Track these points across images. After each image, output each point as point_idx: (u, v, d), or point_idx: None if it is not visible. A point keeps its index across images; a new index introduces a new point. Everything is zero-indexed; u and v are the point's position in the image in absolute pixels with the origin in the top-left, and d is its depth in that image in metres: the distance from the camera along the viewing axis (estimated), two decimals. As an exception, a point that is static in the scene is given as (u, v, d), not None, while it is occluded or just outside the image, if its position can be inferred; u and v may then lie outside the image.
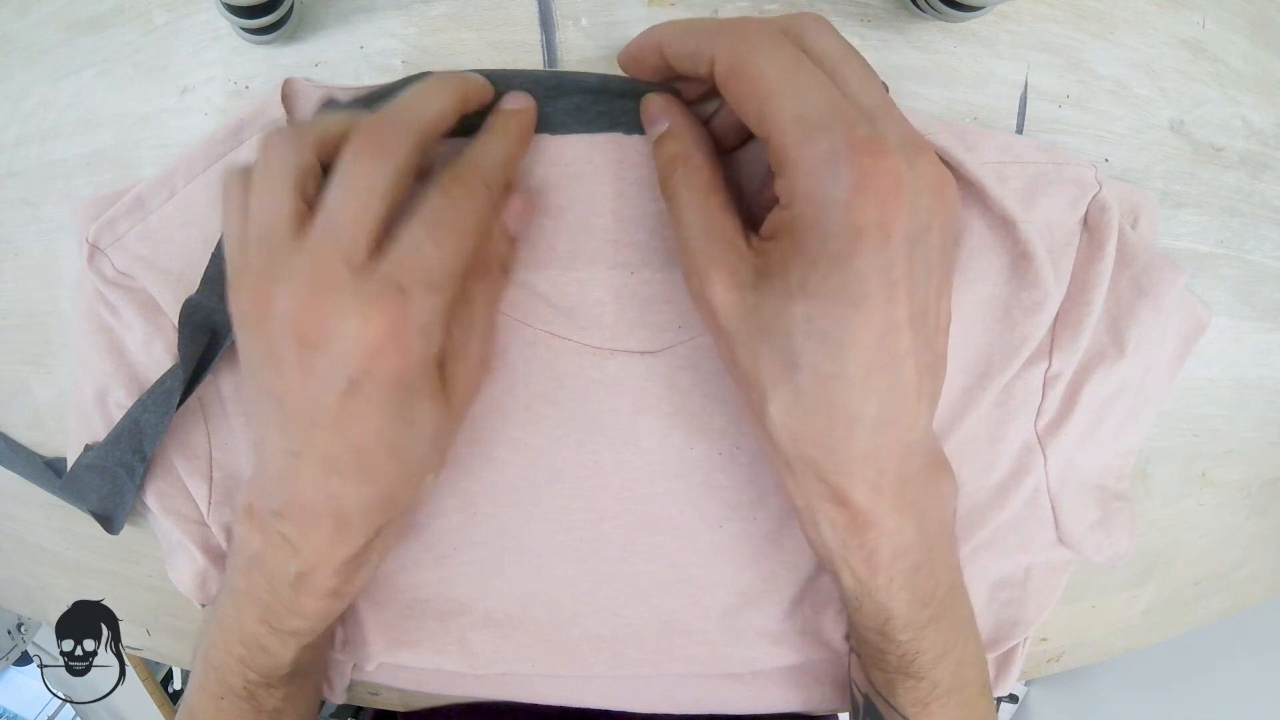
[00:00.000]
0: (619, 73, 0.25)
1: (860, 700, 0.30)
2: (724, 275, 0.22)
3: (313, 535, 0.24)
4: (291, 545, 0.24)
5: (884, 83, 0.23)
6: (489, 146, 0.24)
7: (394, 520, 0.26)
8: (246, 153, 0.27)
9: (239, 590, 0.26)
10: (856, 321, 0.20)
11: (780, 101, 0.20)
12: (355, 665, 0.34)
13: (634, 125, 0.26)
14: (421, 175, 0.23)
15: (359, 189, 0.21)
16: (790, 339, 0.21)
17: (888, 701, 0.28)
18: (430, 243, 0.21)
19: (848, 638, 0.32)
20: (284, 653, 0.27)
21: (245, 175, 0.23)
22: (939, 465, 0.25)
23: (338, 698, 0.36)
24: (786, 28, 0.22)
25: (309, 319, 0.20)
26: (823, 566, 0.29)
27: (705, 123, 0.25)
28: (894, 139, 0.19)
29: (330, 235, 0.21)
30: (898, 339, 0.20)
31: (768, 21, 0.22)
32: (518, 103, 0.25)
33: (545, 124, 0.26)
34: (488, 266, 0.26)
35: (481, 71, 0.25)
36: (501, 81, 0.25)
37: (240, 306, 0.22)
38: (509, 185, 0.25)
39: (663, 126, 0.24)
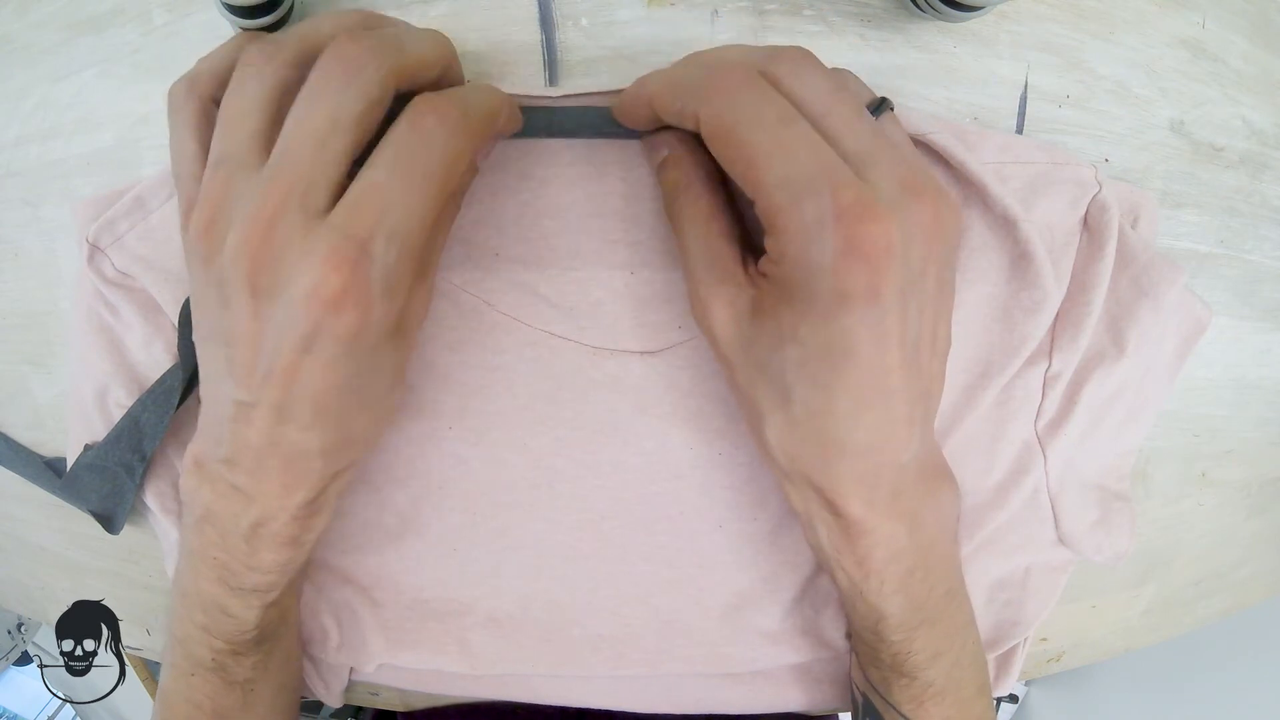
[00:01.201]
0: (619, 89, 0.25)
1: (859, 698, 0.30)
2: (723, 305, 0.23)
3: (266, 483, 0.23)
4: (244, 495, 0.23)
5: (884, 97, 0.22)
6: (472, 89, 0.23)
7: (355, 463, 0.25)
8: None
9: (193, 552, 0.25)
10: (846, 369, 0.20)
11: (765, 164, 0.20)
12: (354, 667, 0.34)
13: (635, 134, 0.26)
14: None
15: (322, 118, 0.19)
16: (783, 375, 0.21)
17: (884, 698, 0.28)
18: (394, 187, 0.19)
19: (848, 636, 0.32)
20: (247, 614, 0.26)
21: (192, 87, 0.21)
22: (938, 474, 0.26)
23: (335, 701, 0.36)
24: (768, 69, 0.21)
25: (260, 265, 0.19)
26: (821, 566, 0.30)
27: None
28: (886, 190, 0.19)
29: (286, 170, 0.19)
30: (887, 379, 0.21)
31: (749, 64, 0.21)
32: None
33: (541, 130, 0.26)
34: (451, 197, 0.24)
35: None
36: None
37: (190, 237, 0.20)
38: (489, 134, 0.23)
39: (663, 154, 0.24)
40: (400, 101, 0.21)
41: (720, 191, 0.24)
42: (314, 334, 0.19)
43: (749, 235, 0.24)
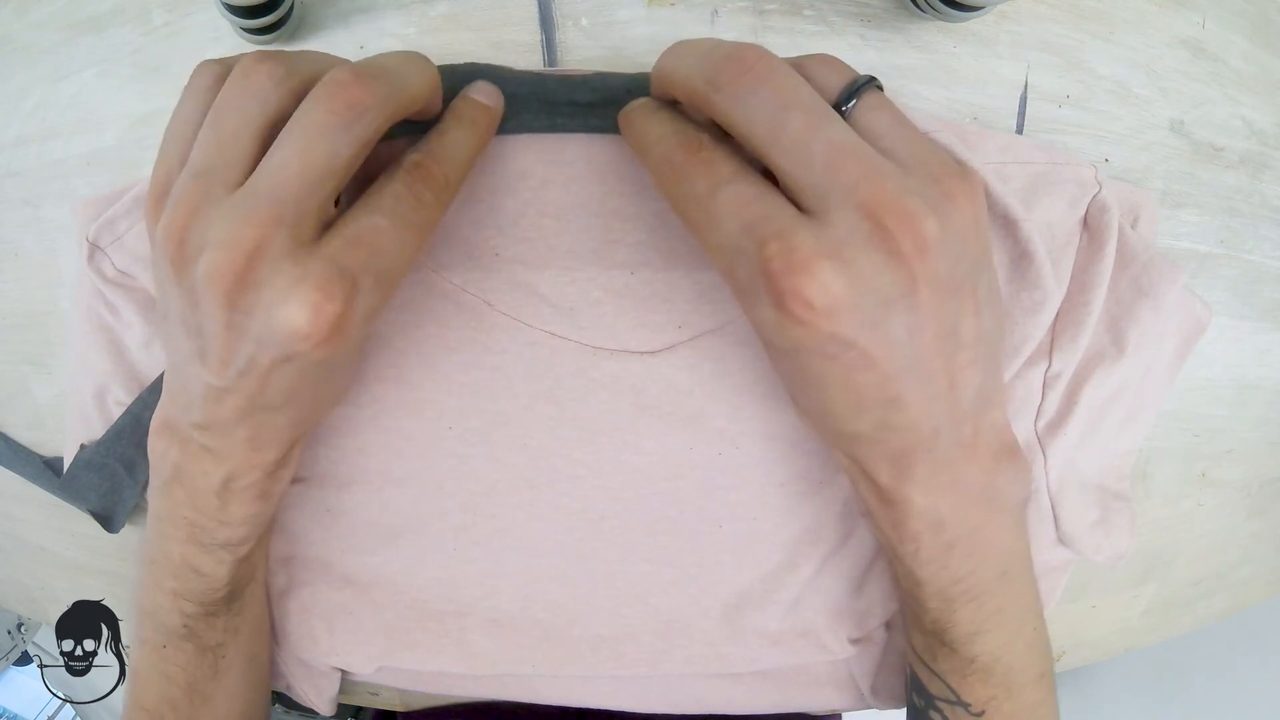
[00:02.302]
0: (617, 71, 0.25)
1: (908, 673, 0.30)
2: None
3: (236, 446, 0.23)
4: (214, 454, 0.24)
5: (869, 76, 0.21)
6: (456, 138, 0.23)
7: (319, 422, 0.27)
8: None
9: (162, 515, 0.26)
10: (824, 390, 0.20)
11: (703, 234, 0.20)
12: (346, 670, 0.34)
13: None
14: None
15: (320, 155, 0.19)
16: (788, 374, 0.22)
17: (929, 667, 0.28)
18: (391, 233, 0.20)
19: (852, 641, 0.32)
20: (218, 570, 0.26)
21: (220, 76, 0.21)
22: (1000, 455, 0.24)
23: (327, 708, 0.36)
24: (713, 93, 0.20)
25: (241, 285, 0.19)
26: (854, 530, 0.30)
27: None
28: (837, 225, 0.18)
29: (276, 195, 0.19)
30: (879, 389, 0.20)
31: (696, 89, 0.20)
32: (488, 98, 0.24)
33: (542, 124, 0.26)
34: None
35: (477, 67, 0.25)
36: (499, 82, 0.25)
37: (158, 236, 0.20)
38: (473, 163, 0.24)
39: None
40: None
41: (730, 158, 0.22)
42: (295, 353, 0.20)
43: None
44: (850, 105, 0.21)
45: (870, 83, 0.21)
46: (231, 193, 0.19)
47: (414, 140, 0.23)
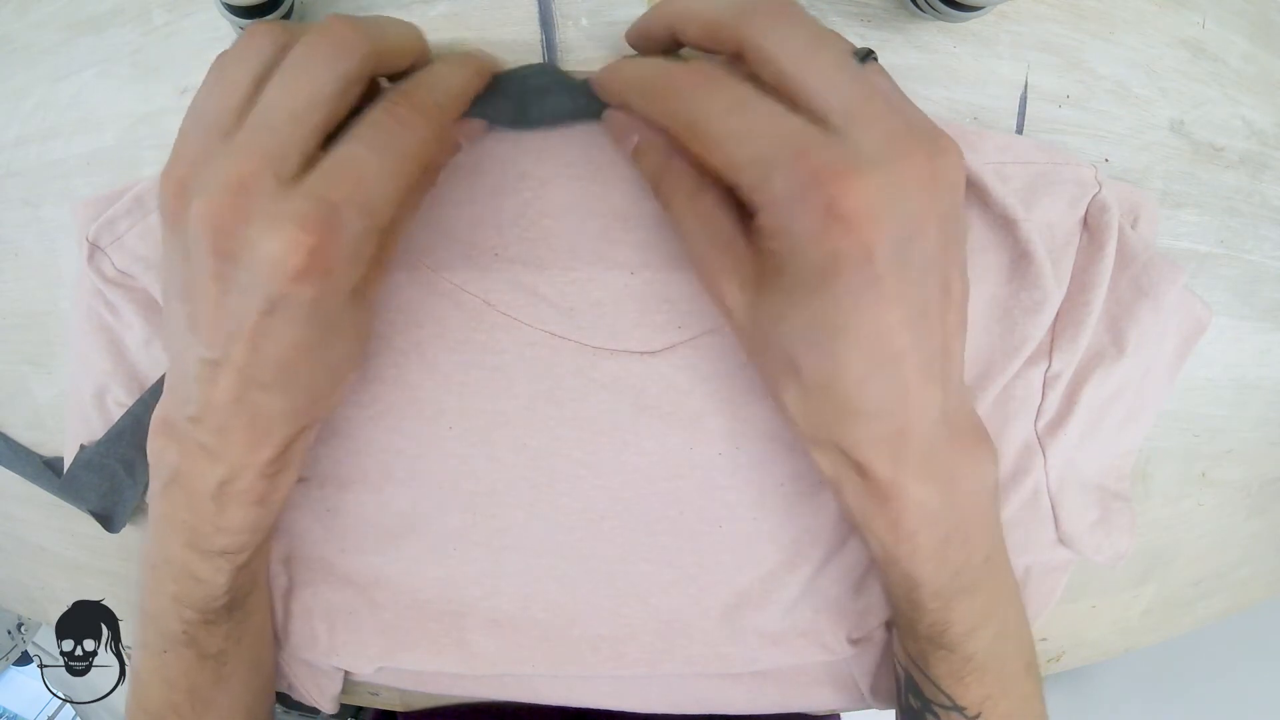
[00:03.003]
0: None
1: (901, 674, 0.30)
2: (728, 278, 0.22)
3: (232, 440, 0.23)
4: (210, 453, 0.23)
5: (869, 49, 0.21)
6: (442, 70, 0.23)
7: (318, 420, 0.25)
8: None
9: (162, 517, 0.25)
10: (847, 336, 0.20)
11: (731, 149, 0.20)
12: (352, 671, 0.34)
13: None
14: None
15: (301, 88, 0.20)
16: (791, 345, 0.21)
17: (924, 672, 0.27)
18: (371, 161, 0.20)
19: (888, 625, 0.32)
20: (217, 578, 0.26)
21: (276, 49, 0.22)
22: (974, 435, 0.24)
23: (329, 706, 0.36)
24: (740, 29, 0.20)
25: (226, 228, 0.19)
26: (853, 531, 0.29)
27: None
28: (868, 146, 0.18)
29: (260, 136, 0.19)
30: (892, 341, 0.20)
31: (718, 23, 0.21)
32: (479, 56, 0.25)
33: (536, 120, 0.26)
34: (425, 177, 0.25)
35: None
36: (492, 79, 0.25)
37: (163, 194, 0.21)
38: (458, 115, 0.24)
39: (632, 140, 0.24)
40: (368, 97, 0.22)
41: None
42: (280, 295, 0.19)
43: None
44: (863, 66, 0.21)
45: (872, 53, 0.22)
46: (228, 139, 0.20)
47: None
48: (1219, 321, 0.32)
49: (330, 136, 0.21)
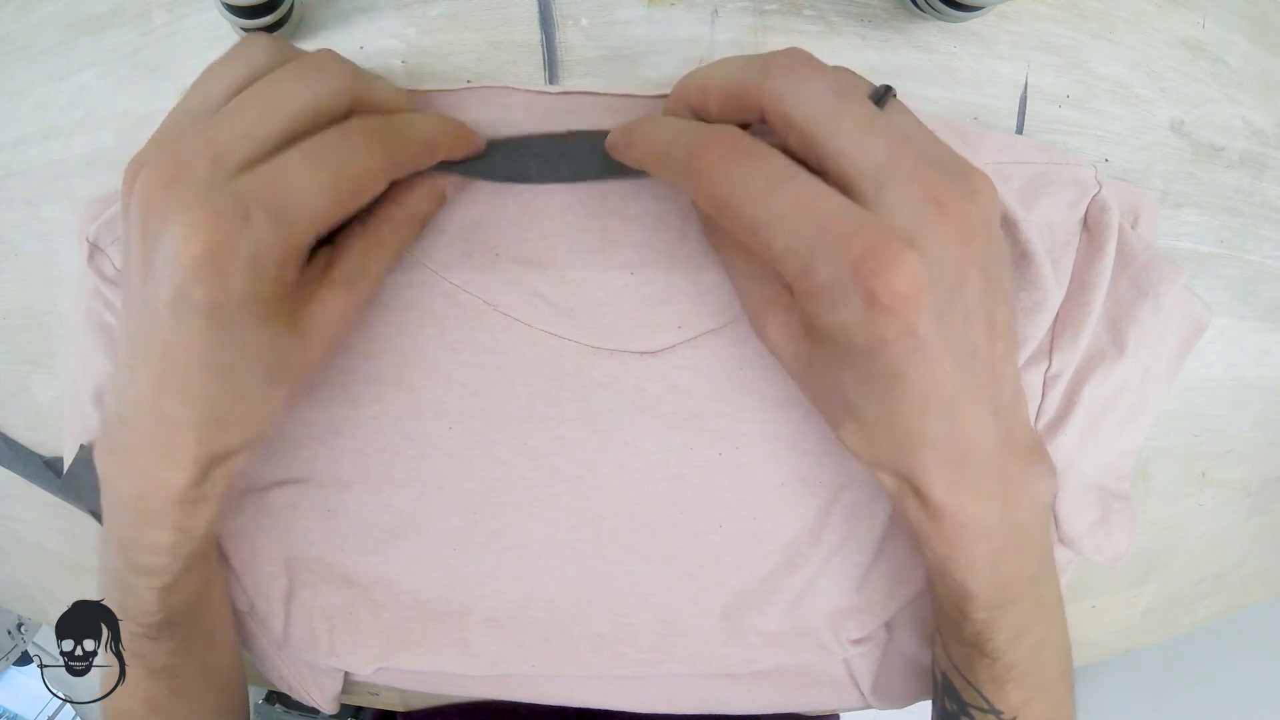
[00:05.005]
0: (619, 89, 0.26)
1: (939, 677, 0.30)
2: (776, 327, 0.23)
3: (143, 450, 0.23)
4: (130, 457, 0.23)
5: (886, 86, 0.21)
6: (417, 116, 0.24)
7: (236, 453, 0.24)
8: None
9: (105, 524, 0.25)
10: (899, 388, 0.20)
11: (768, 236, 0.19)
12: (352, 671, 0.34)
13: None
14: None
15: (272, 96, 0.20)
16: (844, 392, 0.22)
17: (965, 677, 0.28)
18: (303, 171, 0.20)
19: (851, 641, 0.32)
20: (146, 595, 0.26)
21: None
22: (1031, 450, 0.24)
23: (329, 707, 0.36)
24: (765, 90, 0.20)
25: (156, 206, 0.19)
26: (853, 531, 0.30)
27: None
28: (905, 212, 0.18)
29: (215, 128, 0.20)
30: (944, 387, 0.20)
31: (740, 88, 0.20)
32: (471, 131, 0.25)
33: (538, 179, 0.26)
34: (404, 219, 0.25)
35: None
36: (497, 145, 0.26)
37: (125, 176, 0.21)
38: (419, 164, 0.24)
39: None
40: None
41: None
42: (179, 288, 0.19)
43: None
44: (883, 107, 0.21)
45: (890, 90, 0.22)
46: (189, 129, 0.20)
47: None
48: (1219, 321, 0.32)
49: None
